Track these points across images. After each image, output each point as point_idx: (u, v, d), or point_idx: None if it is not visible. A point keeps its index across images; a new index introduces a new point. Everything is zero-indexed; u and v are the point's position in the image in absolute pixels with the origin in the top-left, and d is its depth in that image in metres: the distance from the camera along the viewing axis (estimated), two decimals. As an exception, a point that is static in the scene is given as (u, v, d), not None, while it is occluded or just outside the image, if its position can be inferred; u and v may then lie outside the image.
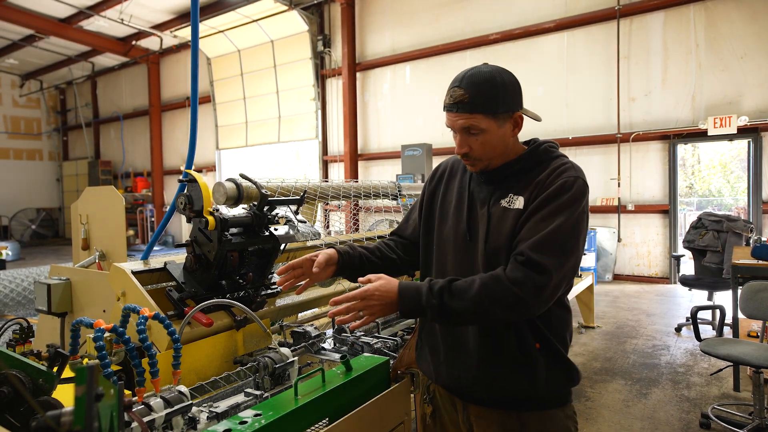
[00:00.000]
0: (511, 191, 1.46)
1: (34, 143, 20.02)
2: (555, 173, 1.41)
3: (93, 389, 0.70)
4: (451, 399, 1.56)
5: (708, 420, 3.53)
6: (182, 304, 1.92)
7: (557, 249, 1.32)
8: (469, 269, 1.47)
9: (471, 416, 1.50)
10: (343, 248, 1.64)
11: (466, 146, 1.44)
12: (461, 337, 1.48)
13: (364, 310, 1.34)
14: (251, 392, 1.52)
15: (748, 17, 7.74)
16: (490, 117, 1.39)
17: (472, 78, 1.39)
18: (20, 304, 5.91)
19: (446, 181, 1.66)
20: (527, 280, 1.28)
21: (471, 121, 1.39)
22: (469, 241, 1.49)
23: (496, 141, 1.43)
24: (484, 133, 1.41)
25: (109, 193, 2.77)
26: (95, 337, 1.20)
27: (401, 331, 2.47)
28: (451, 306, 1.31)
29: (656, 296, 7.74)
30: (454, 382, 1.50)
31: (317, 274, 1.54)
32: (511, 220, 1.41)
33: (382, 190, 3.58)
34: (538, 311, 1.33)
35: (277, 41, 13.07)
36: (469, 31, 10.24)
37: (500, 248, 1.41)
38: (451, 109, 1.41)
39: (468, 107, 1.38)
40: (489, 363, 1.43)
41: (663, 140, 8.48)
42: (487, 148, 1.43)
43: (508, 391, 1.42)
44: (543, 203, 1.37)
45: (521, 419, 1.43)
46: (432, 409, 1.62)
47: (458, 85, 1.40)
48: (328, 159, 12.62)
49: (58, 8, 12.85)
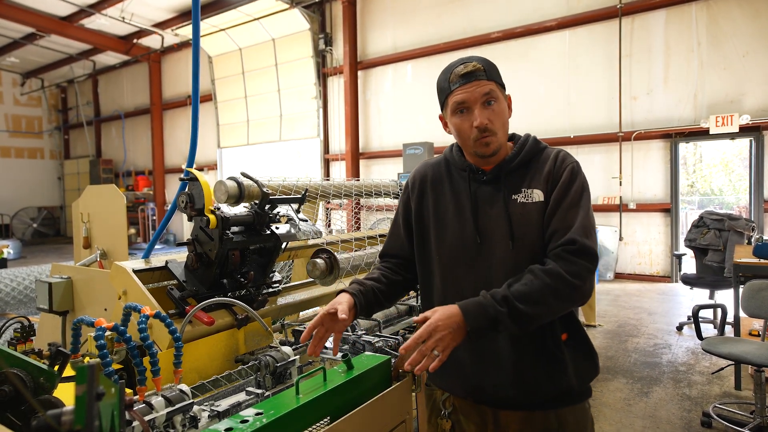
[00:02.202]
0: (521, 185, 1.45)
1: (36, 142, 20.04)
2: (558, 161, 1.46)
3: (94, 388, 0.70)
4: (478, 410, 1.49)
5: (709, 419, 3.53)
6: (183, 303, 1.92)
7: (592, 231, 1.39)
8: (485, 272, 1.44)
9: (503, 423, 1.45)
10: (354, 288, 1.54)
11: (485, 117, 1.42)
12: (490, 344, 1.44)
13: (436, 346, 1.26)
14: (252, 391, 1.52)
15: (750, 15, 7.72)
16: (500, 88, 1.46)
17: (475, 57, 1.47)
18: (21, 302, 5.92)
19: (432, 188, 1.59)
20: (582, 270, 1.31)
21: (491, 86, 1.43)
22: (480, 244, 1.45)
23: (505, 116, 1.47)
24: (499, 102, 1.45)
25: (110, 191, 2.77)
26: (96, 335, 1.20)
27: (403, 329, 2.47)
28: (521, 310, 1.27)
29: (658, 295, 7.74)
30: (489, 391, 1.44)
31: (344, 321, 1.43)
32: (536, 214, 1.41)
33: (383, 188, 3.58)
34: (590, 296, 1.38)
35: (279, 40, 13.06)
36: (471, 30, 10.23)
37: (529, 244, 1.41)
38: (470, 79, 1.42)
39: (485, 75, 1.43)
40: (525, 365, 1.41)
41: (665, 139, 8.46)
42: (502, 120, 1.45)
43: (548, 389, 1.40)
44: (564, 192, 1.41)
45: (559, 417, 1.41)
46: (451, 425, 1.55)
47: (468, 61, 1.45)
48: (330, 157, 12.62)
49: (59, 6, 12.85)
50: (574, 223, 1.36)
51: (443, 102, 1.50)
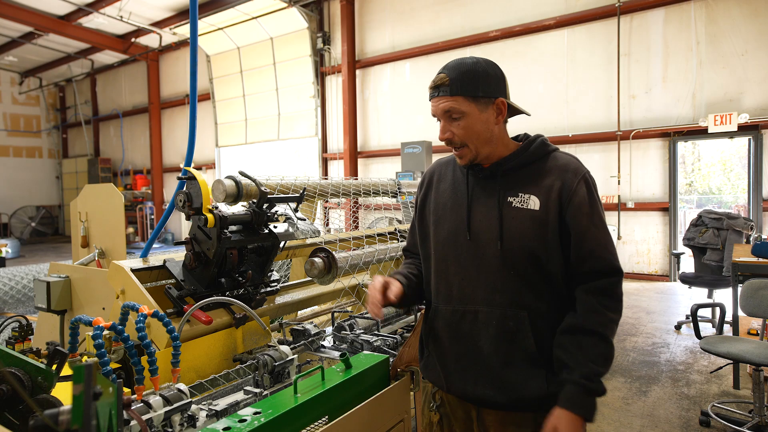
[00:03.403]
0: (519, 189, 1.45)
1: (34, 141, 20.01)
2: (571, 171, 1.44)
3: (91, 387, 0.69)
4: (463, 406, 1.52)
5: (708, 418, 3.53)
6: (181, 302, 1.92)
7: (613, 246, 1.46)
8: (474, 269, 1.45)
9: (486, 421, 1.47)
10: (401, 280, 1.57)
11: (448, 131, 1.44)
12: (473, 343, 1.45)
13: None
14: (251, 390, 1.52)
15: (749, 14, 7.72)
16: (471, 100, 1.41)
17: (454, 65, 1.45)
18: (20, 301, 5.91)
19: (436, 184, 1.62)
20: (613, 295, 1.40)
21: (452, 103, 1.41)
22: (469, 240, 1.46)
23: (479, 126, 1.43)
24: (466, 116, 1.42)
25: (108, 190, 2.76)
26: (94, 335, 1.19)
27: (401, 329, 2.46)
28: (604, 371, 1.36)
29: (656, 294, 7.74)
30: (470, 388, 1.46)
31: (389, 300, 1.48)
32: (529, 222, 1.41)
33: (381, 187, 3.58)
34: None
35: (277, 38, 13.04)
36: (469, 29, 10.22)
37: (518, 249, 1.41)
38: (433, 94, 1.44)
39: (448, 90, 1.41)
40: (507, 367, 1.41)
41: (663, 138, 8.47)
42: (470, 133, 1.43)
43: (527, 393, 1.41)
44: (585, 207, 1.41)
45: (536, 420, 1.41)
46: (439, 417, 1.58)
47: (441, 71, 1.45)
48: (328, 156, 12.61)
49: (58, 5, 12.82)
50: (602, 242, 1.41)
51: None
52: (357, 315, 2.36)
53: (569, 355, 1.35)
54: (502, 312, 1.41)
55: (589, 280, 1.40)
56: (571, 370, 1.34)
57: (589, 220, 1.41)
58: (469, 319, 1.45)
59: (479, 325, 1.44)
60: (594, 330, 1.36)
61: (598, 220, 1.42)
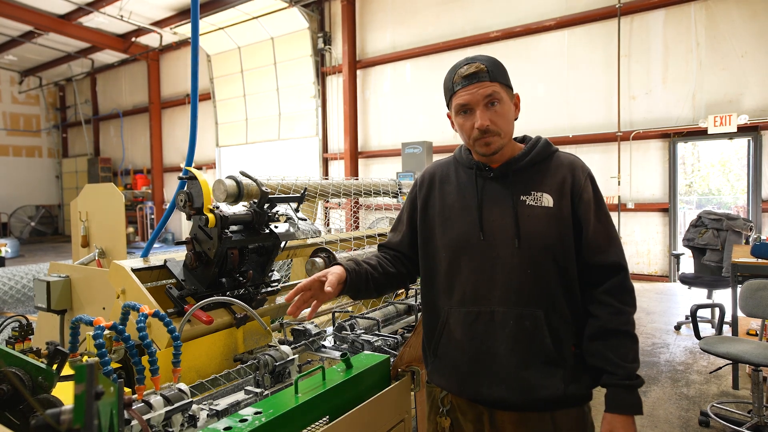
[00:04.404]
0: (531, 188, 1.45)
1: (34, 140, 20.00)
2: (577, 171, 1.48)
3: (92, 387, 0.69)
4: (475, 409, 1.49)
5: (707, 418, 3.53)
6: (182, 302, 1.92)
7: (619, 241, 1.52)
8: (489, 269, 1.44)
9: (501, 423, 1.45)
10: (350, 265, 1.56)
11: (487, 119, 1.42)
12: (488, 344, 1.44)
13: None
14: (251, 390, 1.52)
15: (749, 16, 7.73)
16: (505, 88, 1.46)
17: (481, 57, 1.47)
18: (19, 301, 5.90)
19: (439, 186, 1.60)
20: (627, 290, 1.46)
21: (494, 88, 1.43)
22: (483, 241, 1.45)
23: (510, 116, 1.47)
24: (503, 104, 1.44)
25: (108, 190, 2.76)
26: (95, 334, 1.19)
27: (402, 329, 2.46)
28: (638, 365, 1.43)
29: (656, 294, 7.74)
30: (485, 390, 1.44)
31: (329, 293, 1.45)
32: (545, 219, 1.42)
33: (382, 187, 3.58)
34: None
35: (278, 38, 13.04)
36: (470, 29, 10.23)
37: (535, 246, 1.41)
38: (472, 80, 1.43)
39: (489, 76, 1.43)
40: (524, 367, 1.41)
41: (663, 138, 8.47)
42: (505, 121, 1.45)
43: (545, 393, 1.40)
44: (593, 203, 1.46)
45: (555, 420, 1.42)
46: (450, 422, 1.55)
47: (472, 61, 1.46)
48: (329, 156, 12.61)
49: (58, 4, 12.82)
50: (610, 238, 1.47)
51: (448, 101, 1.51)
52: (358, 315, 2.36)
53: (606, 361, 1.40)
54: (518, 312, 1.41)
55: (601, 278, 1.45)
56: (611, 374, 1.39)
57: (598, 215, 1.45)
58: (484, 320, 1.44)
59: (495, 325, 1.43)
60: (622, 330, 1.42)
61: (605, 216, 1.48)
